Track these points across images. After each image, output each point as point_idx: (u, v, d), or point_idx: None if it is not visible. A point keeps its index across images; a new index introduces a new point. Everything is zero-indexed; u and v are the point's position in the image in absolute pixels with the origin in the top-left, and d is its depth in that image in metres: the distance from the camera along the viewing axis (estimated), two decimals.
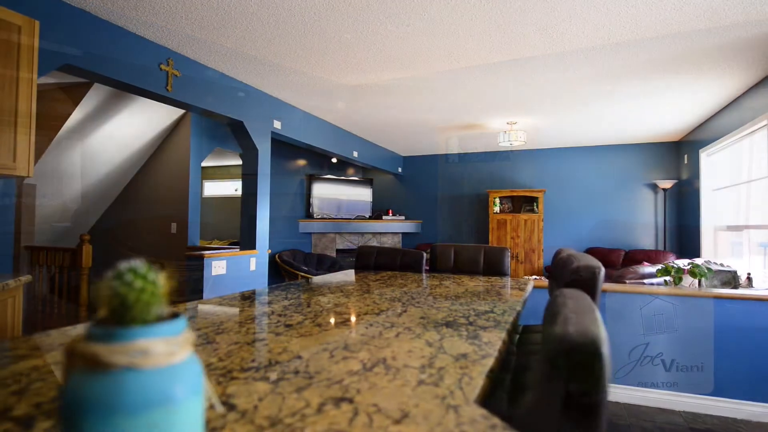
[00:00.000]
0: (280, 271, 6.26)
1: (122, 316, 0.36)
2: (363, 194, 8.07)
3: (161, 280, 0.38)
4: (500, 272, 2.45)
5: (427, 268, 2.71)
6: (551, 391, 0.58)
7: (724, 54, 3.35)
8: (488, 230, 7.20)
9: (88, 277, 4.11)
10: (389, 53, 3.40)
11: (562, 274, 1.30)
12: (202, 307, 1.44)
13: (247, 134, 4.17)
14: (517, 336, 1.73)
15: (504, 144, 5.53)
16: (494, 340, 1.06)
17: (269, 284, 5.98)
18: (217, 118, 3.98)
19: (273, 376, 0.80)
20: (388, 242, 7.93)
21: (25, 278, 2.12)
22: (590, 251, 6.69)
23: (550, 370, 0.56)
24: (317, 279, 2.19)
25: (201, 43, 3.26)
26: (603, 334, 0.56)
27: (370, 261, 2.72)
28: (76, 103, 4.16)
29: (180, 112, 5.00)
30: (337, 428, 0.60)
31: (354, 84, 4.15)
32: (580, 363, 0.51)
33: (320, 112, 5.24)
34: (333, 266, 6.85)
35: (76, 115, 4.28)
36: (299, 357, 0.91)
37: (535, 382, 0.76)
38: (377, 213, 8.03)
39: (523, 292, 1.87)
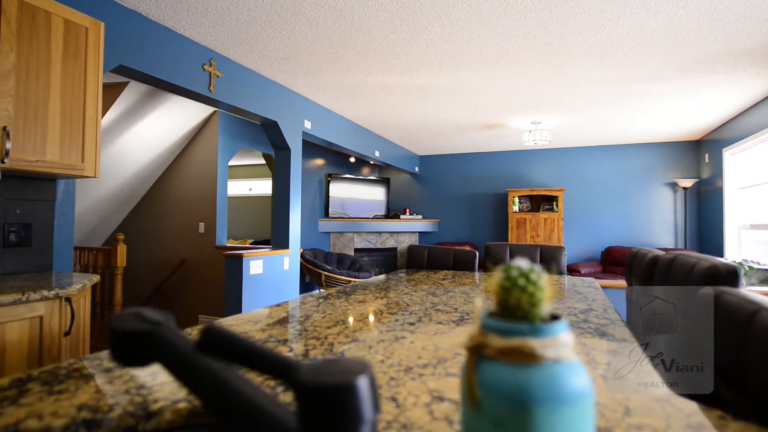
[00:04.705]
0: (302, 269, 6.26)
1: (528, 313, 0.38)
2: (380, 193, 8.09)
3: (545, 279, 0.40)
4: (557, 271, 2.48)
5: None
6: None
7: (763, 52, 3.37)
8: (507, 229, 7.22)
9: (122, 277, 4.12)
10: (431, 53, 3.41)
11: (671, 273, 1.33)
12: (292, 305, 1.46)
13: (280, 134, 4.19)
14: None
15: (528, 143, 5.56)
16: (627, 337, 1.09)
17: (301, 284, 5.99)
18: (253, 117, 4.00)
19: (454, 371, 0.82)
20: (406, 241, 7.96)
21: (96, 278, 2.14)
22: (610, 250, 6.72)
23: None
24: (375, 279, 2.21)
25: (243, 44, 3.27)
26: None
27: (422, 260, 2.75)
28: (110, 104, 4.17)
29: (207, 112, 5.01)
30: None
31: (389, 84, 4.17)
32: None
33: (347, 113, 5.26)
34: (353, 265, 6.87)
35: (109, 116, 4.29)
36: (459, 354, 0.93)
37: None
38: (394, 212, 8.05)
39: (597, 290, 1.89)
